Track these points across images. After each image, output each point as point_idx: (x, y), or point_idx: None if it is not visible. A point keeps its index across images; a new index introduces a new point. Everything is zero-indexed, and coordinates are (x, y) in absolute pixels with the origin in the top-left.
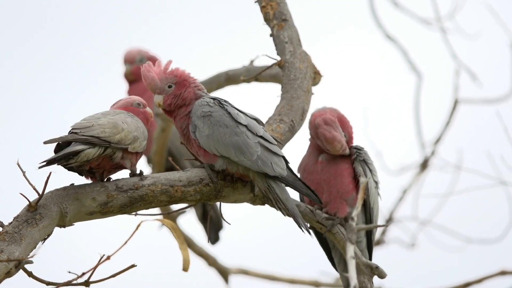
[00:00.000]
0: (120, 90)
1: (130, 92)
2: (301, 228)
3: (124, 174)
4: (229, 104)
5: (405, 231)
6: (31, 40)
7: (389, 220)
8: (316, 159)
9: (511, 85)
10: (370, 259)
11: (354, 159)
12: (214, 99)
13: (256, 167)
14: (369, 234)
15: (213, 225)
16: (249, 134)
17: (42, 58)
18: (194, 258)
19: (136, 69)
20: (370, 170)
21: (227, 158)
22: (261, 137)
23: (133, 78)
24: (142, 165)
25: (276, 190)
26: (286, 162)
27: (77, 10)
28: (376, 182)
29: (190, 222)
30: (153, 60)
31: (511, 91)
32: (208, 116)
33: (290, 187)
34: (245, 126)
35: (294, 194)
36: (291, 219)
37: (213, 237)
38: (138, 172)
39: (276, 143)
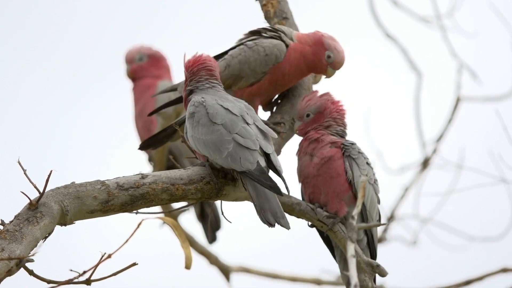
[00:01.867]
0: (125, 90)
1: (134, 90)
2: (261, 220)
3: (125, 172)
4: (218, 100)
5: (406, 229)
6: (35, 41)
7: (391, 218)
8: (309, 161)
9: None
10: (375, 258)
11: (342, 156)
12: (203, 97)
13: (226, 164)
14: (367, 232)
15: (211, 225)
16: (224, 132)
17: (42, 58)
18: (195, 257)
19: (135, 68)
20: (357, 165)
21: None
22: (236, 133)
23: (134, 76)
24: (143, 164)
25: (249, 186)
26: (267, 155)
27: (80, 12)
28: (367, 176)
29: (191, 220)
30: (155, 56)
31: None
32: (192, 117)
33: (256, 181)
34: (221, 125)
35: (297, 194)
36: (292, 217)
37: (211, 237)
38: None
39: (267, 131)
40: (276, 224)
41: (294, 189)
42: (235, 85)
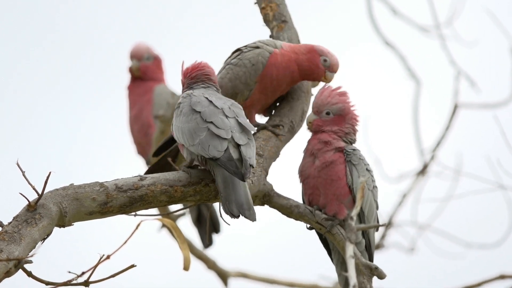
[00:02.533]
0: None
1: (130, 88)
2: (224, 211)
3: (123, 174)
4: (205, 94)
5: (404, 236)
6: (34, 42)
7: (389, 225)
8: (311, 163)
9: (510, 90)
10: (372, 261)
11: (345, 161)
12: (193, 91)
13: (196, 151)
14: (364, 235)
15: (209, 228)
16: (199, 120)
17: (42, 59)
18: (193, 261)
19: (143, 67)
20: (357, 170)
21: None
22: (210, 122)
23: (139, 75)
24: (141, 167)
25: (218, 177)
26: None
27: (80, 13)
28: (366, 180)
29: (189, 224)
30: (158, 58)
31: (510, 96)
32: (178, 107)
33: (222, 167)
34: (199, 113)
35: (297, 197)
36: (291, 220)
37: (208, 241)
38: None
39: (242, 128)
40: (240, 215)
41: (294, 191)
42: None
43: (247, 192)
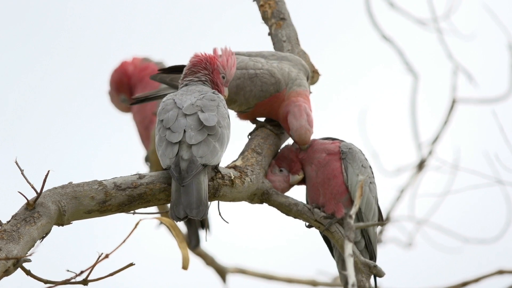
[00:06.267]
0: None
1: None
2: (171, 216)
3: (122, 172)
4: (177, 95)
5: (402, 230)
6: (34, 39)
7: (386, 220)
8: (310, 166)
9: (509, 85)
10: (375, 260)
11: (340, 159)
12: (169, 97)
13: (161, 163)
14: (364, 234)
15: (196, 228)
16: (162, 130)
17: (41, 57)
18: (191, 258)
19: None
20: (353, 168)
21: None
22: (168, 129)
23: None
24: (140, 164)
25: (172, 182)
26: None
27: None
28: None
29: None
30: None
31: (509, 91)
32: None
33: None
34: (161, 121)
35: (296, 195)
36: (291, 218)
37: (194, 241)
38: None
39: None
40: (187, 216)
41: (292, 189)
42: (228, 106)
43: (200, 188)
